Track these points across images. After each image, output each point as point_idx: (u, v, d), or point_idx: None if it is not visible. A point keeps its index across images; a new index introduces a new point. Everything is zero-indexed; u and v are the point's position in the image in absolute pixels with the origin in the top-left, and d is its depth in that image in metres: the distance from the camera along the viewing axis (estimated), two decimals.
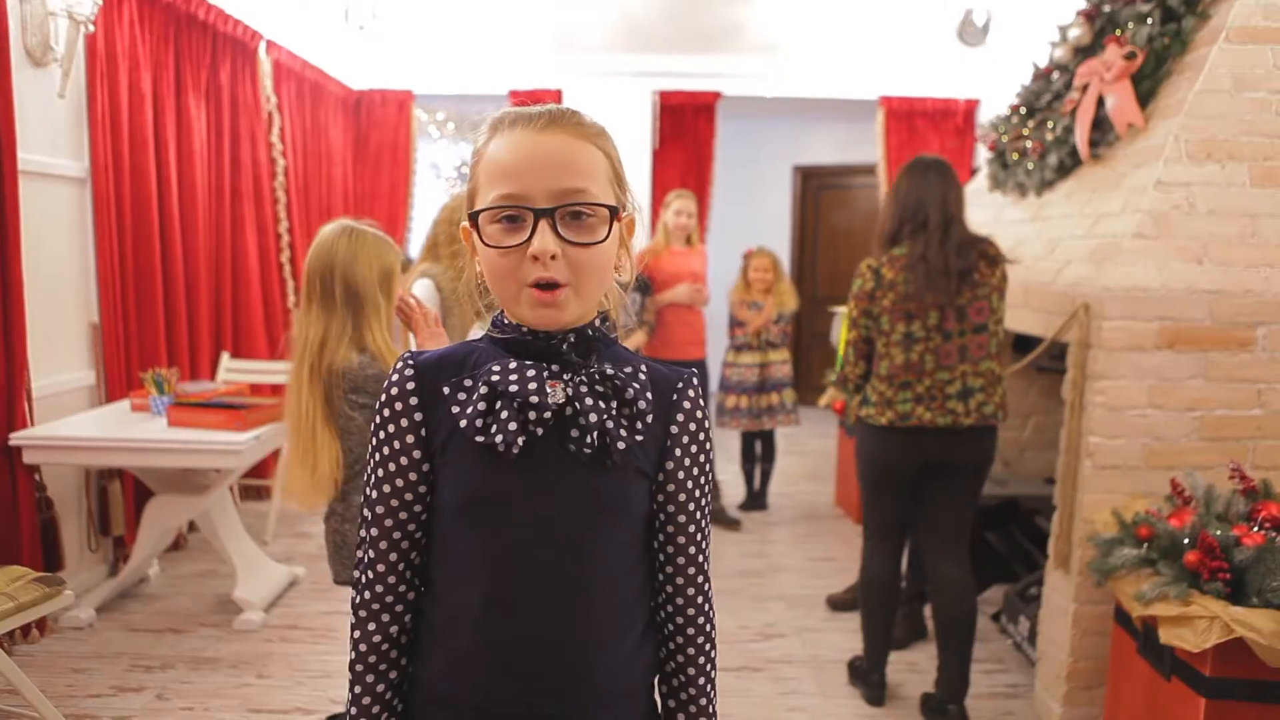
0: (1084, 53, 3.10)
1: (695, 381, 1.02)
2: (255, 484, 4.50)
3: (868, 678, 2.77)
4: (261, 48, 4.55)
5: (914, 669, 2.88)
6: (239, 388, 3.64)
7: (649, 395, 0.96)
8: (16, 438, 2.87)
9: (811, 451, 6.02)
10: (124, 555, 3.52)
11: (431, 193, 6.78)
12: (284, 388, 4.42)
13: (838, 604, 3.49)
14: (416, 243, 6.19)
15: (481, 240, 0.93)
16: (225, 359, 4.23)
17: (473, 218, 0.94)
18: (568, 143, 0.93)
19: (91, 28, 3.19)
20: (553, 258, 0.90)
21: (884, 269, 2.55)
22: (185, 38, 3.91)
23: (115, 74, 3.43)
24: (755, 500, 4.72)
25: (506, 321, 0.98)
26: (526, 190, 0.91)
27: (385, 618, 0.99)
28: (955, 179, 2.57)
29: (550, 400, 0.92)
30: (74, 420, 3.14)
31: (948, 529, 2.63)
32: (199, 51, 4.02)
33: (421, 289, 2.73)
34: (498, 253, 0.92)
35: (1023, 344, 3.52)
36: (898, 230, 2.57)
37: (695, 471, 1.01)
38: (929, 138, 5.97)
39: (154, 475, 3.22)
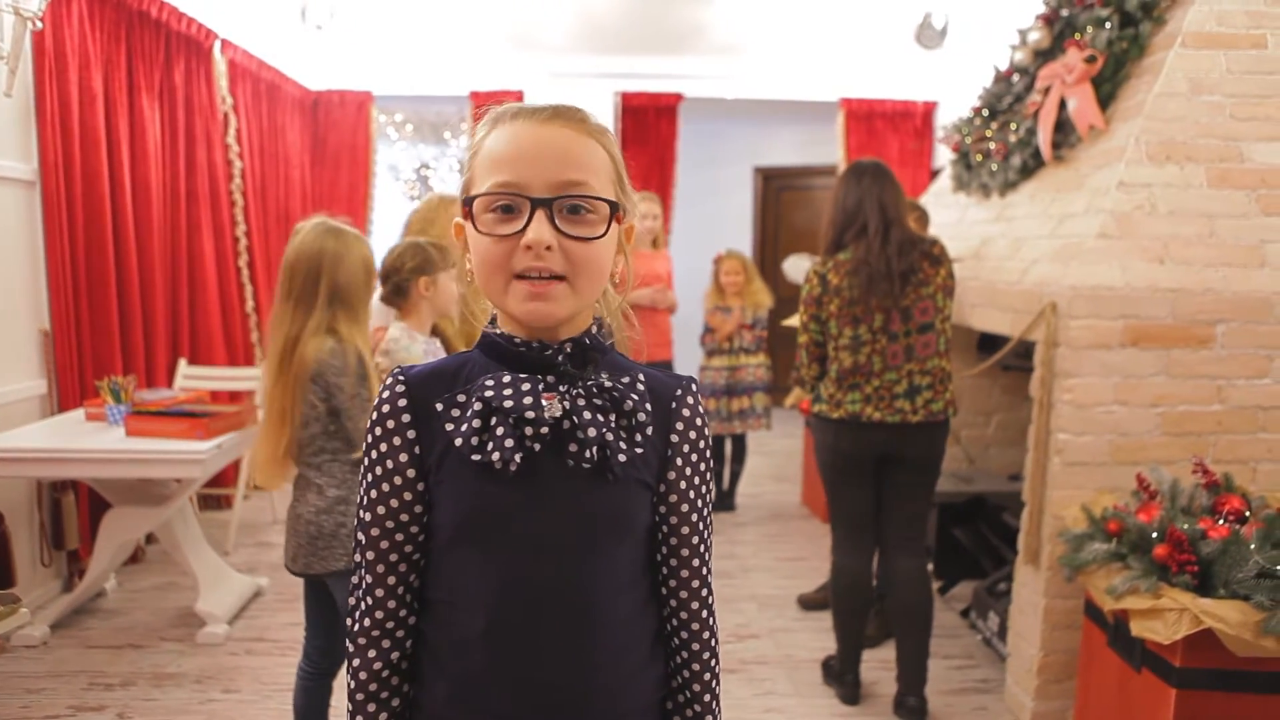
0: (1044, 56, 3.15)
1: (695, 388, 1.00)
2: (215, 493, 4.39)
3: (842, 677, 2.79)
4: (216, 47, 4.45)
5: (887, 667, 2.90)
6: (199, 395, 3.55)
7: (648, 406, 0.94)
8: None
9: (777, 451, 6.06)
10: (79, 570, 3.40)
11: (391, 195, 6.69)
12: (244, 395, 4.34)
13: (809, 603, 3.50)
14: (375, 245, 6.10)
15: (475, 228, 0.90)
16: (183, 365, 4.13)
17: (466, 205, 0.91)
18: (571, 136, 0.90)
19: (39, 24, 3.08)
20: (548, 249, 0.87)
21: (830, 274, 2.61)
22: (137, 36, 3.80)
23: (65, 73, 3.32)
24: (723, 501, 4.73)
25: (498, 332, 0.95)
26: (524, 179, 0.88)
27: (386, 643, 0.95)
28: (893, 181, 2.62)
29: (547, 415, 0.89)
30: (25, 431, 3.02)
31: (902, 521, 2.68)
32: (152, 50, 3.91)
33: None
34: (490, 240, 0.88)
35: (988, 342, 3.57)
36: (840, 235, 2.63)
37: (697, 481, 0.99)
38: (888, 139, 6.04)
39: (112, 486, 3.12)
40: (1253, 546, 2.00)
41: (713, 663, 1.02)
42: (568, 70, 5.78)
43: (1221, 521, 2.13)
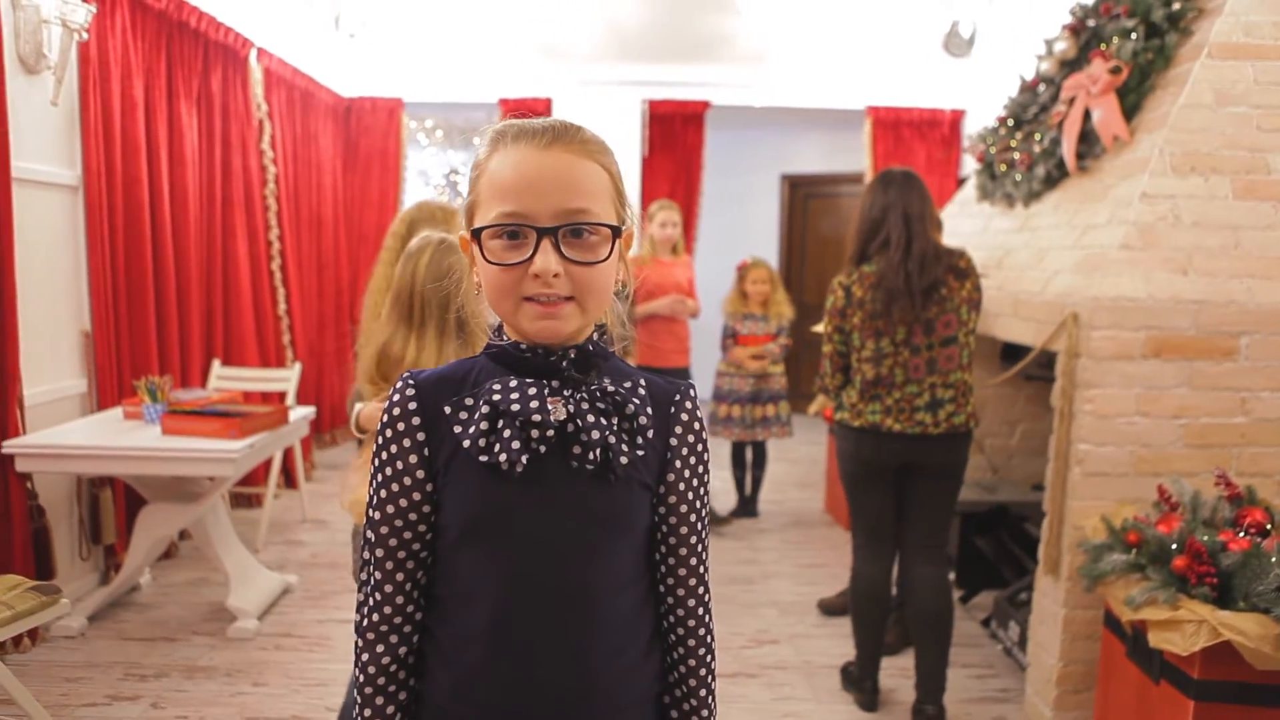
0: (1070, 66, 3.15)
1: (693, 393, 1.03)
2: (246, 491, 4.49)
3: (860, 684, 2.80)
4: (252, 55, 4.56)
5: (906, 674, 2.91)
6: (232, 395, 3.64)
7: (649, 410, 0.98)
8: (9, 446, 2.86)
9: (801, 459, 6.06)
10: (115, 564, 3.50)
11: (421, 200, 6.79)
12: (276, 395, 4.40)
13: (829, 608, 3.52)
14: None
15: (483, 255, 0.93)
16: (216, 366, 4.23)
17: (475, 234, 0.95)
18: (571, 162, 0.93)
19: (84, 35, 3.19)
20: (555, 276, 0.91)
21: (854, 286, 2.62)
22: (177, 45, 3.91)
23: (108, 81, 3.43)
24: (746, 507, 4.74)
25: (505, 338, 0.98)
26: (529, 209, 0.91)
27: (394, 639, 0.99)
28: (921, 191, 2.60)
29: (552, 418, 0.92)
30: (66, 428, 3.12)
31: (923, 530, 2.68)
32: (190, 59, 4.02)
33: None
34: (499, 269, 0.92)
35: (1011, 352, 3.57)
36: (865, 246, 2.64)
37: (695, 482, 1.02)
38: (915, 147, 6.04)
39: (147, 483, 3.21)
40: (1274, 559, 1.99)
41: (709, 659, 1.05)
42: (595, 78, 5.84)
43: (1243, 534, 2.13)
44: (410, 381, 0.97)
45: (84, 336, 3.43)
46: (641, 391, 0.98)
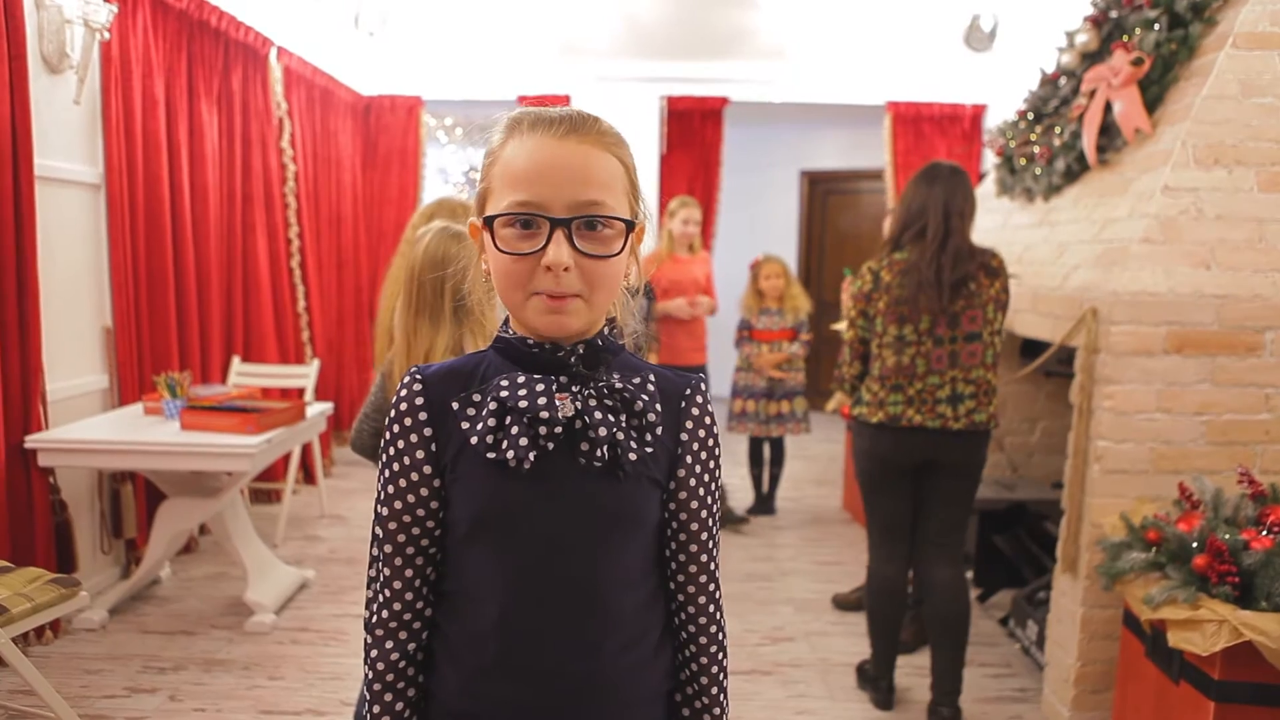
0: (1091, 58, 3.11)
1: (703, 387, 1.02)
2: (265, 487, 4.53)
3: (876, 682, 2.78)
4: (272, 54, 4.59)
5: (922, 673, 2.89)
6: (250, 391, 3.67)
7: (658, 406, 0.96)
8: (32, 440, 2.90)
9: (818, 456, 6.03)
10: (135, 558, 3.54)
11: (440, 196, 6.82)
12: (295, 391, 4.43)
13: (843, 603, 3.50)
14: None
15: (494, 243, 0.92)
16: (236, 362, 4.27)
17: (487, 221, 0.93)
18: (587, 152, 0.92)
19: (106, 35, 3.23)
20: (566, 269, 0.89)
21: (883, 272, 2.60)
22: (198, 44, 3.95)
23: (129, 80, 3.46)
24: (763, 504, 4.72)
25: (512, 333, 0.97)
26: (543, 199, 0.90)
27: (403, 635, 0.98)
28: (964, 188, 2.57)
29: (560, 414, 0.91)
30: (88, 423, 3.16)
31: (939, 529, 2.65)
32: (211, 58, 4.06)
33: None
34: (510, 258, 0.91)
35: (1031, 348, 3.53)
36: (900, 236, 2.61)
37: (706, 478, 1.01)
38: (936, 143, 5.98)
39: (167, 478, 3.24)
40: None
41: (720, 655, 1.04)
42: (614, 75, 5.83)
43: (1265, 533, 2.09)
44: (417, 376, 0.96)
45: (105, 332, 3.47)
46: (651, 387, 0.96)
